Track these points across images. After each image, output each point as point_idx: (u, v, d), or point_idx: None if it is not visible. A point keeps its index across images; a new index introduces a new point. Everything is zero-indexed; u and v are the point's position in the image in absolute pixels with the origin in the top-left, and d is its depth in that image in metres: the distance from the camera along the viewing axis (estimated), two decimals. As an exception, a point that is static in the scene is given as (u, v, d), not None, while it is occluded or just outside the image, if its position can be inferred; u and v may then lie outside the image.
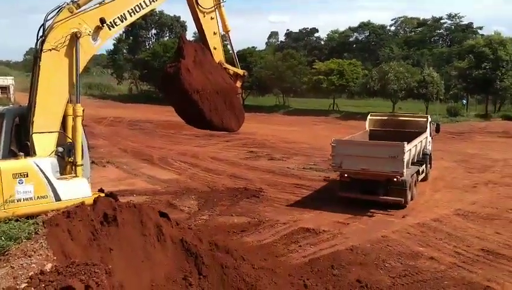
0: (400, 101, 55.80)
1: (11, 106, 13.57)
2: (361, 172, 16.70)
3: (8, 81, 62.83)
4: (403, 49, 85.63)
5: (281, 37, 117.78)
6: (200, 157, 27.55)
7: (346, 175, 17.39)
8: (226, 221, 15.91)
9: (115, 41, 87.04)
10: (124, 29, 68.50)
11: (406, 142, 16.37)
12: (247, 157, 27.67)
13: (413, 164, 18.53)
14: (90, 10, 10.49)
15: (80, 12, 10.34)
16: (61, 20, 10.05)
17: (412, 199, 17.59)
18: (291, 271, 11.73)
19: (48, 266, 6.28)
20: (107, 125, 43.84)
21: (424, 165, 20.19)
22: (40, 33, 10.10)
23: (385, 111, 53.80)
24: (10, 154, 10.33)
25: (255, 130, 37.35)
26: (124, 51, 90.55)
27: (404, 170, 16.25)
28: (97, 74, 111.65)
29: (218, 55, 12.64)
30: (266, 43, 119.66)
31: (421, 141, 19.50)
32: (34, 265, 6.42)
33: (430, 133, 21.75)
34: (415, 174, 18.22)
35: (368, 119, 22.21)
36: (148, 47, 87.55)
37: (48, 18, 10.14)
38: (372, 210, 16.77)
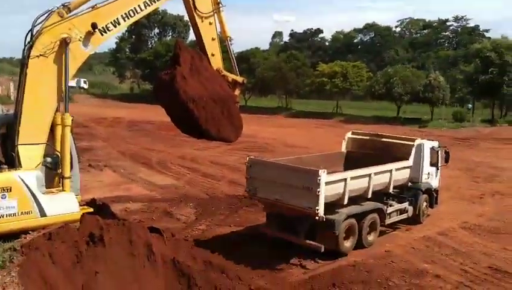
0: (405, 105, 55.25)
1: (-2, 113, 13.15)
2: (276, 203, 13.18)
3: None
4: (408, 51, 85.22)
5: (285, 37, 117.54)
6: (199, 161, 27.01)
7: (263, 206, 14.43)
8: (223, 231, 15.33)
9: (117, 40, 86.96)
10: (125, 29, 67.91)
11: (324, 170, 12.30)
12: (247, 162, 27.07)
13: (380, 199, 14.83)
14: (82, 15, 10.04)
15: (70, 16, 9.86)
16: (50, 25, 9.57)
17: (368, 246, 13.99)
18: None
19: (15, 308, 5.78)
20: (106, 126, 43.40)
21: (409, 203, 15.83)
22: (28, 39, 9.62)
23: (389, 115, 53.71)
24: (-4, 165, 9.84)
25: (256, 133, 36.83)
26: (126, 49, 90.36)
27: (320, 207, 12.16)
28: (99, 72, 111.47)
29: (217, 62, 12.15)
30: (270, 43, 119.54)
31: (390, 171, 14.86)
32: (0, 305, 5.92)
33: (436, 164, 17.06)
34: (375, 215, 14.25)
35: (345, 138, 17.67)
36: (150, 46, 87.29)
37: (37, 23, 9.66)
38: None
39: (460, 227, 16.08)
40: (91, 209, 10.41)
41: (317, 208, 12.12)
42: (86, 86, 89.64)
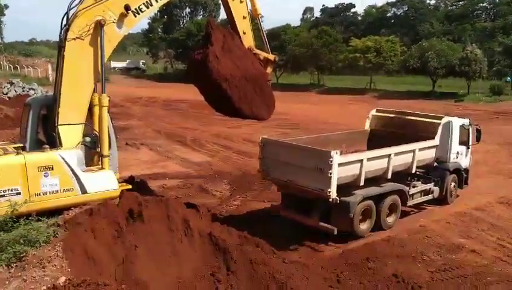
0: (440, 79, 53.93)
1: (38, 95, 13.56)
2: (289, 184, 12.86)
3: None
4: (443, 24, 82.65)
5: (317, 13, 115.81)
6: (233, 139, 27.28)
7: (278, 187, 14.11)
8: (258, 207, 15.54)
9: (149, 21, 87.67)
10: (157, 9, 68.40)
11: (336, 151, 11.80)
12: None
13: (403, 179, 14.29)
14: (115, -4, 10.17)
15: (104, -1, 10.02)
16: (85, 8, 9.78)
17: (387, 228, 13.42)
18: (324, 264, 11.29)
19: (61, 280, 6.09)
20: (142, 106, 44.17)
21: (434, 183, 15.19)
22: (64, 22, 9.88)
23: (424, 90, 52.52)
24: (38, 144, 10.25)
25: (289, 110, 36.78)
26: (159, 30, 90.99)
27: (332, 189, 11.66)
28: (133, 53, 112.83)
29: (248, 40, 12.18)
30: (301, 20, 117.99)
31: (413, 151, 14.12)
32: (47, 278, 6.24)
33: (466, 142, 16.30)
34: (395, 197, 13.61)
35: (369, 115, 17.06)
36: (182, 26, 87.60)
37: (72, 6, 9.89)
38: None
39: (498, 202, 15.83)
40: (130, 186, 10.75)
41: (329, 190, 11.65)
42: (144, 67, 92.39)
